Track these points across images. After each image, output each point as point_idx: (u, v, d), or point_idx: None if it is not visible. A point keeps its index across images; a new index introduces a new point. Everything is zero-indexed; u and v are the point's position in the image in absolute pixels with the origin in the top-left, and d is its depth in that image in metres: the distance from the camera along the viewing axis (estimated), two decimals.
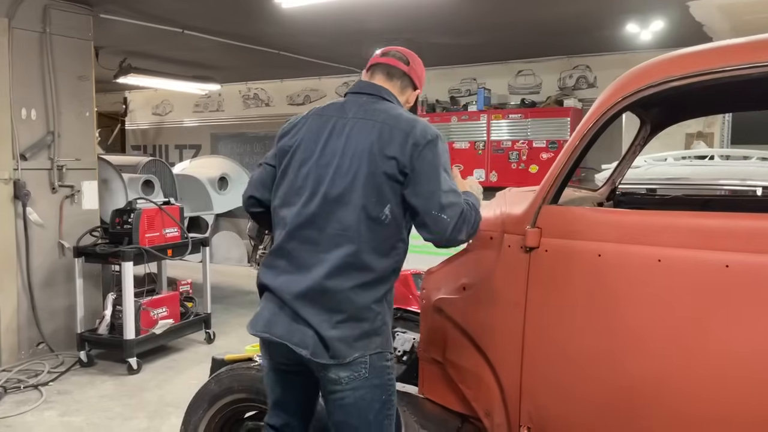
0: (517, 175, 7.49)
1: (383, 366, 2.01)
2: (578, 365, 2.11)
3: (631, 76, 2.09)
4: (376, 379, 1.99)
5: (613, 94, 2.11)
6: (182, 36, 6.38)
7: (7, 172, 4.76)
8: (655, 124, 2.99)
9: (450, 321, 2.46)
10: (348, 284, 1.92)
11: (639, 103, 2.09)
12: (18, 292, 4.87)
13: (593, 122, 2.13)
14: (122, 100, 11.73)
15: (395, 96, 2.15)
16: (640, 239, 1.97)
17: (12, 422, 3.80)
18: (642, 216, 2.04)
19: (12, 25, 4.75)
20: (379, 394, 2.01)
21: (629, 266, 1.98)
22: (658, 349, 1.95)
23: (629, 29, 6.04)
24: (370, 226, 1.94)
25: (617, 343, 2.02)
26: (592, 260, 2.05)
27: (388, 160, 1.93)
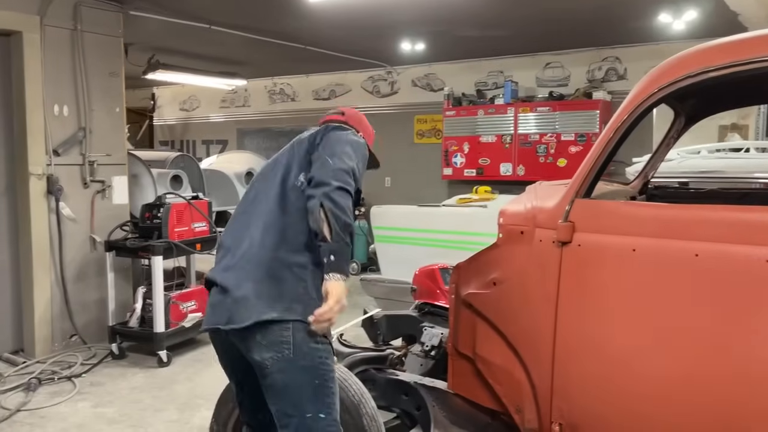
0: (545, 168, 7.40)
1: (312, 348, 2.00)
2: (612, 362, 2.07)
3: (667, 67, 2.05)
4: (302, 361, 1.99)
5: (648, 86, 2.06)
6: (209, 32, 6.42)
7: (41, 168, 4.85)
8: (689, 116, 2.93)
9: (480, 316, 2.44)
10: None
11: (675, 94, 2.05)
12: (51, 286, 4.96)
13: (627, 114, 2.08)
14: (150, 96, 11.87)
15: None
16: (677, 234, 1.92)
17: (46, 413, 3.88)
18: (679, 210, 2.00)
19: (44, 22, 4.83)
20: (309, 378, 2.00)
21: (665, 261, 1.94)
22: (696, 347, 1.90)
23: (661, 19, 5.92)
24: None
25: (652, 340, 1.98)
26: (626, 255, 2.02)
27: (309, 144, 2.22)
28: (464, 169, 8.11)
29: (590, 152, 2.17)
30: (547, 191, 2.44)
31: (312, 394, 2.01)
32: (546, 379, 2.24)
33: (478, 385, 2.51)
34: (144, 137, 12.13)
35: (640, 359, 2.01)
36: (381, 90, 9.14)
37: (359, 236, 8.69)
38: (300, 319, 1.99)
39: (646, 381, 2.00)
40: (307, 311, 1.97)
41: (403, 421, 2.84)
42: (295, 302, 2.00)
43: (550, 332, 2.21)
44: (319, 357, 2.02)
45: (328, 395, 2.04)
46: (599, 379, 2.11)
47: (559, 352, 2.20)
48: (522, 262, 2.29)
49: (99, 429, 3.66)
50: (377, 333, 3.49)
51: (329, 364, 2.06)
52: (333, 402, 2.06)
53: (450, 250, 5.28)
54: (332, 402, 2.06)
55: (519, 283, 2.30)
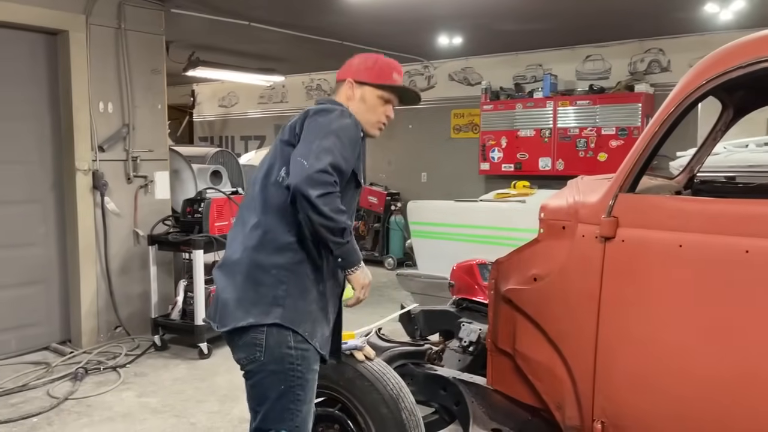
0: (585, 163, 7.28)
1: (283, 353, 1.98)
2: (656, 360, 2.03)
3: (716, 58, 1.99)
4: (272, 365, 1.98)
5: (695, 78, 2.01)
6: (249, 29, 6.49)
7: (87, 164, 4.98)
8: (738, 108, 2.84)
9: (520, 312, 2.42)
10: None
11: (724, 86, 1.99)
12: (97, 279, 5.10)
13: (674, 107, 2.03)
14: (190, 93, 12.07)
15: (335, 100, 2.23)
16: (725, 229, 1.87)
17: (93, 402, 3.99)
18: (728, 205, 1.94)
19: (89, 21, 4.95)
20: (276, 383, 1.99)
21: (713, 257, 1.89)
22: (744, 346, 1.85)
23: (708, 9, 5.75)
24: None
25: (699, 339, 1.93)
26: (672, 251, 1.97)
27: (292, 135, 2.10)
28: (502, 164, 8.04)
29: (634, 146, 2.13)
30: (589, 186, 2.40)
31: (276, 398, 2.00)
32: (588, 376, 2.21)
33: (518, 381, 2.49)
34: (184, 133, 12.35)
35: (686, 358, 1.96)
36: (417, 84, 9.11)
37: (395, 231, 8.71)
38: (276, 322, 1.97)
39: (692, 380, 1.96)
40: (287, 314, 1.98)
41: (441, 416, 2.84)
42: (273, 305, 1.98)
43: (593, 329, 2.18)
44: (290, 363, 1.99)
45: (293, 402, 2.01)
46: (643, 378, 2.07)
47: (602, 349, 2.16)
48: (564, 258, 2.26)
49: (143, 418, 3.75)
50: (414, 328, 3.49)
51: (300, 371, 2.01)
52: (297, 409, 2.02)
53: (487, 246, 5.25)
54: (296, 409, 2.02)
55: (560, 279, 2.27)
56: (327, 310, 2.13)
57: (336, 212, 1.90)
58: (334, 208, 1.89)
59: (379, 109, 2.20)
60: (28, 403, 3.94)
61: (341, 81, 2.23)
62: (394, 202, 8.84)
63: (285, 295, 1.98)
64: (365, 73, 2.19)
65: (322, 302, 2.10)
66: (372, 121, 2.20)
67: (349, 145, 2.00)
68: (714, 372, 1.91)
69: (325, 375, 2.51)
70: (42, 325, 4.99)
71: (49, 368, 4.52)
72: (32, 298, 4.93)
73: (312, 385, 2.07)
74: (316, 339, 2.05)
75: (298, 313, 2.00)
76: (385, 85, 2.20)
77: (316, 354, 2.07)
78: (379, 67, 2.21)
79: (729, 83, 1.96)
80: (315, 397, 2.14)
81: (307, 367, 2.02)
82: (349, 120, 2.05)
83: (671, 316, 1.99)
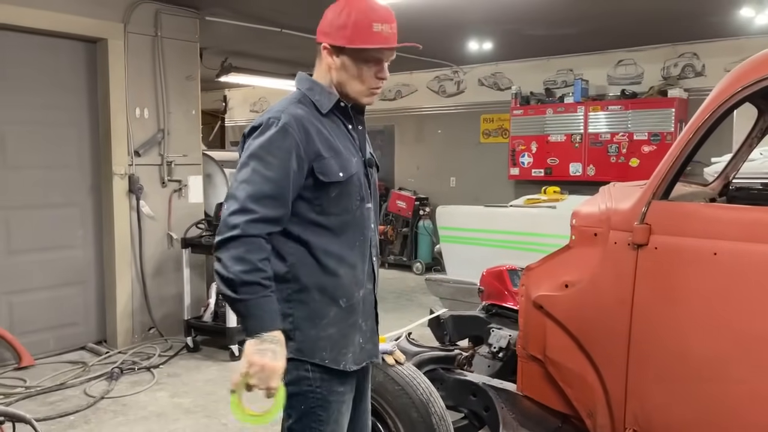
0: (617, 169, 7.20)
1: (301, 376, 1.79)
2: (689, 368, 2.01)
3: (753, 65, 1.97)
4: (291, 387, 1.76)
5: (731, 84, 1.99)
6: (280, 35, 6.58)
7: (123, 168, 5.10)
8: None
9: (551, 318, 2.42)
10: None
11: (761, 93, 1.97)
12: (132, 281, 5.22)
13: (709, 114, 2.02)
14: (222, 98, 12.25)
15: (310, 78, 1.88)
16: (762, 237, 1.85)
17: (128, 401, 4.08)
18: (763, 213, 1.92)
19: (127, 29, 5.08)
20: (296, 404, 1.81)
21: (749, 266, 1.87)
22: None
23: (743, 13, 5.66)
24: None
25: (733, 347, 1.91)
26: (706, 259, 1.96)
27: None
28: (532, 169, 8.00)
29: (668, 152, 2.12)
30: (621, 192, 2.40)
31: (297, 419, 1.84)
32: (620, 384, 2.20)
33: (548, 387, 2.49)
34: (216, 138, 12.54)
35: (719, 366, 1.94)
36: (447, 90, 9.12)
37: (424, 236, 8.72)
38: (290, 357, 1.74)
39: (725, 389, 1.94)
40: (299, 346, 1.78)
41: (471, 421, 2.84)
42: (290, 341, 1.76)
43: (625, 336, 2.17)
44: (308, 385, 1.82)
45: (315, 422, 1.83)
46: (675, 385, 2.05)
47: (634, 357, 2.15)
48: (596, 265, 2.26)
49: (176, 418, 3.83)
50: (444, 333, 3.50)
51: (320, 393, 1.82)
52: (320, 429, 1.84)
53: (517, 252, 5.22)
54: (318, 429, 1.83)
55: (592, 286, 2.26)
56: (357, 322, 1.89)
57: (232, 259, 1.63)
58: (233, 255, 1.63)
59: (365, 74, 1.80)
60: (65, 401, 4.05)
61: (318, 44, 1.84)
62: (422, 207, 8.85)
63: (292, 327, 1.78)
64: (339, 35, 1.77)
65: (348, 318, 1.86)
66: (361, 89, 1.83)
67: (279, 157, 1.70)
68: (747, 380, 1.89)
69: None
70: (79, 325, 5.13)
71: (86, 367, 4.64)
72: (70, 299, 5.07)
73: (336, 406, 1.86)
74: (345, 361, 1.84)
75: (311, 342, 1.80)
76: (365, 48, 1.77)
77: (343, 375, 1.86)
78: (353, 23, 1.75)
79: (765, 90, 1.94)
80: (347, 417, 1.92)
81: (327, 389, 1.83)
82: (274, 129, 1.72)
83: (704, 325, 1.97)
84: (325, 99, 1.83)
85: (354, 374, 1.90)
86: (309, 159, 1.74)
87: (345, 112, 1.87)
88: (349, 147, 1.85)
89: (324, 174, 1.76)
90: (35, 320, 4.83)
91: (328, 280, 1.81)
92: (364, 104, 1.89)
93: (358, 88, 1.82)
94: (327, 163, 1.76)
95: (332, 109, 1.83)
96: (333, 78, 1.82)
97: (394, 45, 1.81)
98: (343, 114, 1.87)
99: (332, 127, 1.83)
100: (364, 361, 1.93)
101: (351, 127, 1.88)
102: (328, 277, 1.81)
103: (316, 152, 1.75)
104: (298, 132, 1.73)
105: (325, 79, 1.84)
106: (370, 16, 1.76)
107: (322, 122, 1.81)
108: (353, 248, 1.85)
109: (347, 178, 1.80)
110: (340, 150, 1.80)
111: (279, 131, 1.72)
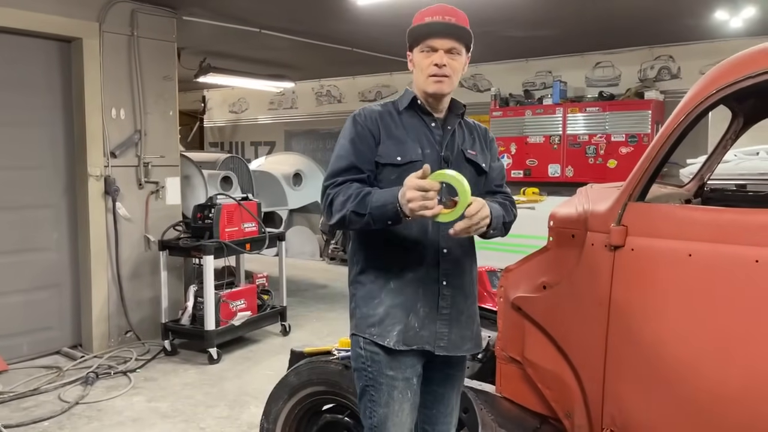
0: (595, 170, 7.27)
1: (357, 353, 2.07)
2: (665, 369, 2.02)
3: (727, 67, 1.99)
4: (353, 362, 2.11)
5: (706, 87, 2.01)
6: (259, 36, 6.55)
7: (99, 169, 5.03)
8: (748, 117, 2.84)
9: (529, 320, 2.42)
10: None
11: (735, 95, 1.99)
12: (108, 283, 5.14)
13: (684, 115, 2.03)
14: (201, 99, 12.15)
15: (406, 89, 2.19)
16: (736, 239, 1.87)
17: (103, 406, 4.02)
18: (738, 214, 1.94)
19: (102, 29, 5.01)
20: (357, 380, 2.09)
21: (723, 267, 1.89)
22: (753, 356, 1.85)
23: (718, 16, 5.74)
24: None
25: (709, 348, 1.93)
26: (682, 260, 1.97)
27: None
28: (511, 170, 8.03)
29: (644, 154, 2.13)
30: (599, 194, 2.41)
31: (359, 395, 2.10)
32: (597, 385, 2.21)
33: (527, 389, 2.49)
34: (194, 139, 12.43)
35: (695, 367, 1.96)
36: None
37: None
38: (352, 333, 2.10)
39: (701, 389, 1.95)
40: (356, 322, 2.08)
41: None
42: (351, 318, 2.12)
43: (602, 337, 2.18)
44: (362, 363, 2.06)
45: (370, 401, 2.04)
46: (652, 386, 2.06)
47: (611, 358, 2.16)
48: (573, 266, 2.26)
49: (153, 423, 3.77)
50: None
51: (371, 373, 2.03)
52: (373, 410, 2.03)
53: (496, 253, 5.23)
54: (372, 409, 2.04)
55: (570, 287, 2.27)
56: (408, 304, 2.01)
57: (333, 212, 1.94)
58: (331, 210, 1.95)
59: (423, 63, 2.02)
60: (39, 407, 3.97)
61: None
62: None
63: (355, 306, 2.09)
64: (409, 39, 2.09)
65: (396, 297, 2.01)
66: (422, 79, 2.03)
67: (347, 138, 2.04)
68: (723, 381, 1.90)
69: (334, 382, 2.52)
70: (54, 329, 5.04)
71: (61, 372, 4.56)
72: (44, 303, 4.98)
73: (387, 389, 2.01)
74: (390, 338, 1.99)
75: (363, 319, 2.05)
76: (417, 36, 2.04)
77: (394, 357, 2.00)
78: (415, 24, 2.08)
79: (739, 93, 1.96)
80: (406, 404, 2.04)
81: (378, 371, 2.01)
82: (349, 119, 2.10)
83: (680, 326, 1.98)
84: (405, 98, 2.11)
85: (410, 359, 2.03)
86: (375, 141, 2.02)
87: (423, 109, 2.09)
88: (422, 139, 2.06)
89: (381, 156, 2.01)
90: (8, 324, 4.73)
91: (380, 262, 2.04)
92: (430, 93, 2.04)
93: (421, 79, 2.04)
94: (385, 147, 2.02)
95: (411, 106, 2.09)
96: (413, 80, 2.10)
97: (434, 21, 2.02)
98: (422, 111, 2.10)
99: (408, 121, 2.08)
100: (418, 344, 2.02)
101: (434, 125, 2.10)
102: (381, 259, 2.04)
103: (378, 137, 2.03)
104: (364, 120, 2.05)
105: (414, 86, 2.13)
106: (423, 13, 2.07)
107: (397, 117, 2.09)
108: (410, 233, 2.01)
109: (406, 164, 2.00)
110: (404, 139, 2.04)
111: (351, 120, 2.07)
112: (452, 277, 2.08)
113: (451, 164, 2.07)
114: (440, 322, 2.06)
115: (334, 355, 2.57)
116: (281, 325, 5.57)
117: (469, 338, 2.15)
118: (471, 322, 2.16)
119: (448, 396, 2.22)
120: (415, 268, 2.02)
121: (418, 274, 2.02)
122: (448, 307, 2.07)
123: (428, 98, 2.08)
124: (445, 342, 2.07)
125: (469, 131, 2.20)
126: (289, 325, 5.61)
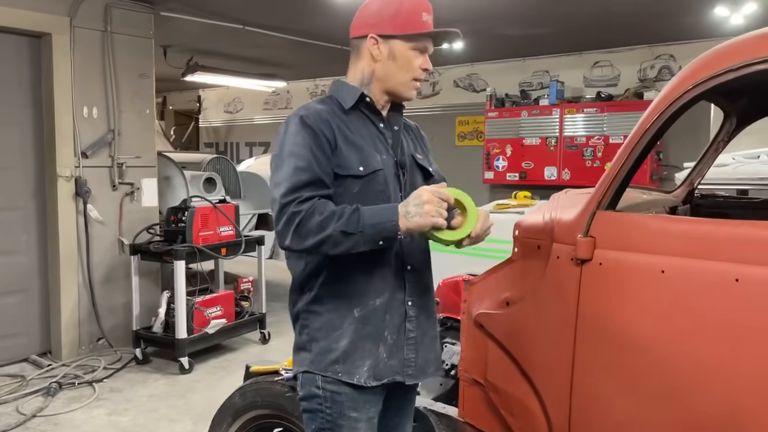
0: (592, 173, 7.02)
1: (313, 392, 1.75)
2: (636, 396, 1.80)
3: (705, 60, 1.76)
4: (305, 402, 1.77)
5: (682, 81, 1.78)
6: (244, 33, 6.35)
7: (69, 170, 4.84)
8: (741, 117, 2.62)
9: (492, 339, 2.20)
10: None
11: (715, 91, 1.76)
12: (79, 288, 4.95)
13: (657, 114, 1.81)
14: (196, 99, 11.99)
15: (339, 81, 1.87)
16: (714, 254, 1.63)
17: (61, 419, 3.82)
18: (717, 226, 1.70)
19: (73, 24, 4.82)
20: (308, 422, 1.78)
21: (699, 285, 1.66)
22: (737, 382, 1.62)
23: (717, 13, 5.50)
24: None
25: (683, 374, 1.70)
26: (654, 277, 1.74)
27: None
28: (506, 173, 7.80)
29: (614, 158, 1.91)
30: (570, 201, 2.18)
31: None
32: (563, 412, 1.98)
33: (490, 414, 2.26)
34: (191, 139, 12.27)
35: (668, 392, 1.73)
36: (422, 91, 8.90)
37: None
38: (305, 369, 1.76)
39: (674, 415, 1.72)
40: (313, 358, 1.75)
41: None
42: (303, 352, 1.78)
43: (568, 360, 1.95)
44: (318, 404, 1.75)
45: None
46: (624, 416, 1.84)
47: (578, 383, 1.93)
48: (537, 281, 2.04)
49: None
50: None
51: (330, 415, 1.74)
52: None
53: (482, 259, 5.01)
54: None
55: (534, 304, 2.04)
56: (376, 334, 1.76)
57: (298, 229, 1.59)
58: (297, 227, 1.59)
59: (413, 64, 1.78)
60: None
61: (359, 38, 1.81)
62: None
63: (309, 339, 1.76)
64: (390, 24, 1.77)
65: (363, 328, 1.74)
66: (406, 80, 1.80)
67: (303, 145, 1.68)
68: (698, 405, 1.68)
69: (280, 405, 2.31)
70: (21, 335, 4.85)
71: (24, 381, 4.37)
72: (11, 308, 4.78)
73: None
74: (361, 374, 1.73)
75: (323, 354, 1.74)
76: (418, 34, 1.78)
77: (361, 394, 1.75)
78: (406, 11, 1.77)
79: (720, 88, 1.73)
80: None
81: (338, 413, 1.73)
82: (294, 121, 1.72)
83: (652, 348, 1.75)
84: (348, 95, 1.80)
85: (375, 395, 1.79)
86: (330, 148, 1.70)
87: (372, 108, 1.82)
88: (376, 143, 1.80)
89: (341, 167, 1.71)
90: None
91: (340, 287, 1.74)
92: (405, 97, 1.84)
93: (403, 78, 1.79)
94: (343, 155, 1.71)
95: (357, 105, 1.80)
96: (375, 72, 1.79)
97: (448, 29, 1.83)
98: (370, 110, 1.82)
99: (357, 124, 1.79)
100: (388, 377, 1.78)
101: (382, 126, 1.84)
102: (341, 284, 1.74)
103: (334, 143, 1.71)
104: (316, 123, 1.71)
105: (356, 78, 1.83)
106: (420, 5, 1.80)
107: (345, 118, 1.78)
108: (373, 253, 1.67)
109: (369, 174, 1.73)
110: (362, 145, 1.76)
111: (299, 121, 1.71)
112: (416, 296, 1.85)
113: (407, 170, 1.86)
114: (407, 347, 1.82)
115: (281, 376, 2.36)
116: (260, 333, 5.37)
117: (433, 360, 1.93)
118: (433, 343, 1.94)
119: (403, 424, 2.01)
120: (381, 291, 1.76)
121: (384, 298, 1.77)
122: (414, 330, 1.83)
123: (384, 97, 1.83)
124: (413, 369, 1.84)
125: (406, 130, 1.96)
126: (268, 332, 5.41)
